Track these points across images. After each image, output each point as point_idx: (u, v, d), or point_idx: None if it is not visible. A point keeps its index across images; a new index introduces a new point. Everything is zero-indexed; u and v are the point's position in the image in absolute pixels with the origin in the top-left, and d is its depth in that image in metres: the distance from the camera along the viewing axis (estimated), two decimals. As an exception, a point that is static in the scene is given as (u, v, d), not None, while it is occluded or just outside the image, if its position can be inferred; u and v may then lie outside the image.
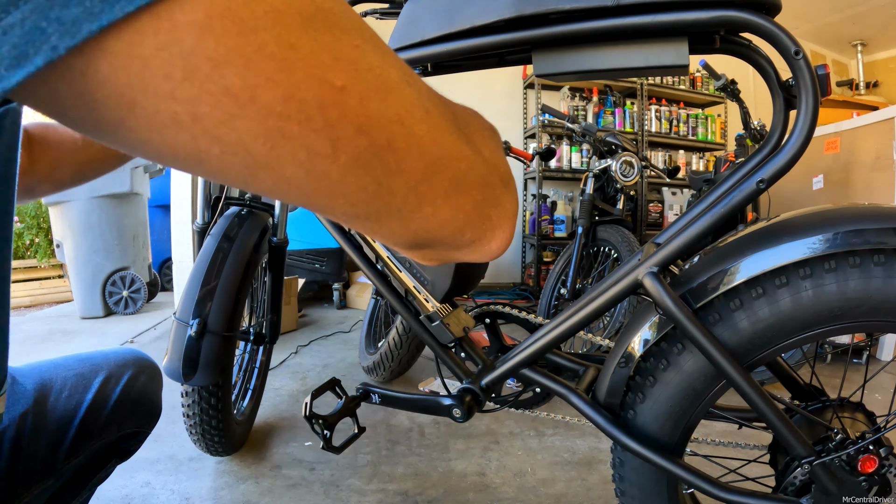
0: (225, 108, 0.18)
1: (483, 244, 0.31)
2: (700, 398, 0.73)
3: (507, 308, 1.00)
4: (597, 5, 0.61)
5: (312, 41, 0.19)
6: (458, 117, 0.28)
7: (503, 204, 0.30)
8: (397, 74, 0.23)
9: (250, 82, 0.18)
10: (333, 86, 0.19)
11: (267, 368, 1.71)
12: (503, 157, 0.32)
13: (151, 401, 0.71)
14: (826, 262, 0.64)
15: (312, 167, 0.20)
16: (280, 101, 0.18)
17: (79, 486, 0.66)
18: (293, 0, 0.18)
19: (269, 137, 0.19)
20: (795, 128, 0.63)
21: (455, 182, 0.26)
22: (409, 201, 0.25)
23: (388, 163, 0.22)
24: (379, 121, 0.21)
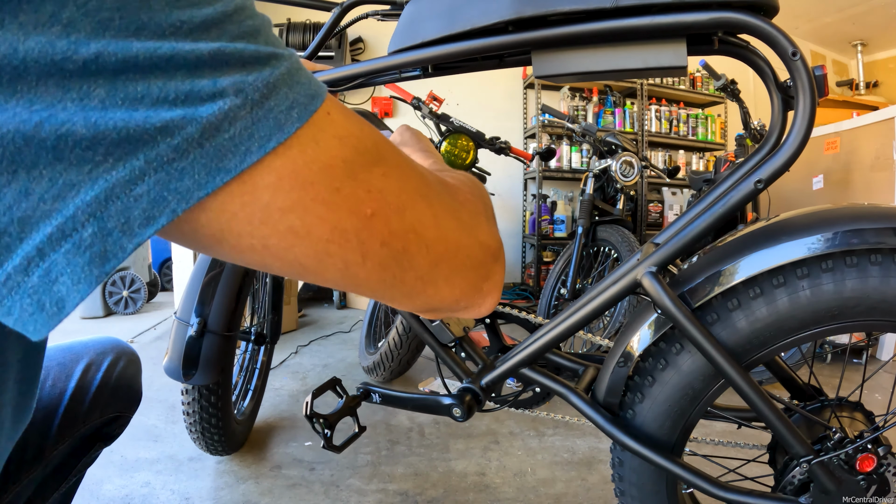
0: (288, 240, 0.25)
1: (475, 308, 0.38)
2: (699, 398, 0.73)
3: (507, 308, 1.00)
4: (596, 7, 0.62)
5: (352, 181, 0.26)
6: (462, 206, 0.35)
7: (493, 277, 0.38)
8: (414, 187, 0.30)
9: (307, 222, 0.25)
10: (365, 214, 0.27)
11: (268, 369, 1.71)
12: (495, 232, 0.39)
13: (131, 385, 0.73)
14: (823, 261, 0.64)
15: (346, 272, 0.28)
16: (327, 232, 0.26)
17: (65, 472, 0.68)
18: (339, 151, 0.26)
19: (317, 256, 0.26)
20: (793, 128, 0.63)
21: (454, 268, 0.33)
22: (417, 287, 0.32)
23: (403, 263, 0.30)
24: (397, 233, 0.29)
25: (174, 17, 0.21)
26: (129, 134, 0.20)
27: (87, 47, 0.19)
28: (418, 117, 2.12)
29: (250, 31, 0.23)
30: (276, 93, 0.23)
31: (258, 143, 0.22)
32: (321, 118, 0.25)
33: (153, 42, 0.20)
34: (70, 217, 0.19)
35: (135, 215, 0.20)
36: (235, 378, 1.61)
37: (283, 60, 0.24)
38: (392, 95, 2.23)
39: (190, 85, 0.21)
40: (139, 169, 0.20)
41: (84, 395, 0.67)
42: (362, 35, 4.13)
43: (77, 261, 0.20)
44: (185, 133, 0.21)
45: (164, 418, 1.74)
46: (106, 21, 0.19)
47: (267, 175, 0.23)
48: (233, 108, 0.22)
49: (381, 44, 4.15)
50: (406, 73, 0.82)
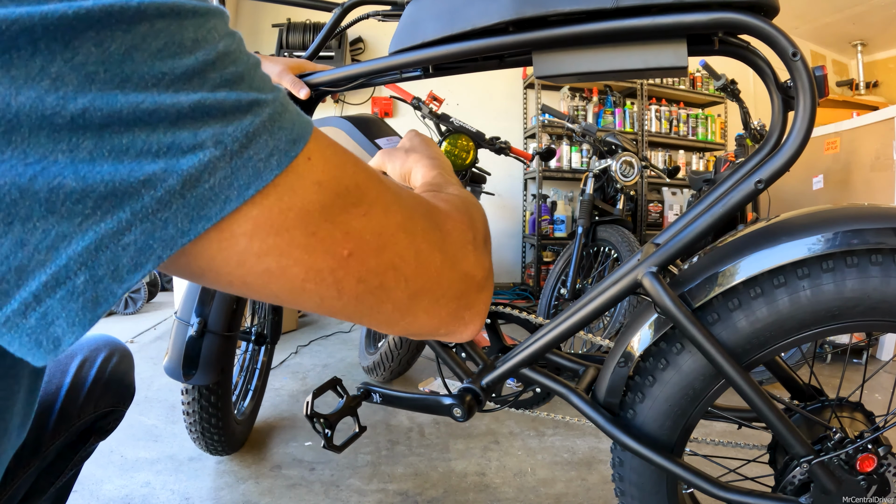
0: (264, 280, 0.26)
1: (456, 335, 0.39)
2: (699, 398, 0.73)
3: (508, 308, 1.00)
4: (596, 7, 0.62)
5: (329, 224, 0.27)
6: (448, 236, 0.36)
7: (476, 306, 0.38)
8: (397, 223, 0.31)
9: (282, 264, 0.26)
10: (342, 255, 0.28)
11: (268, 369, 1.71)
12: (483, 260, 0.39)
13: (123, 380, 0.74)
14: (824, 261, 0.64)
15: (322, 305, 0.29)
16: (302, 272, 0.27)
17: (62, 466, 0.69)
18: (317, 196, 0.26)
19: (293, 293, 0.28)
20: (793, 129, 0.63)
21: (433, 300, 0.34)
22: (394, 316, 0.33)
23: (380, 296, 0.30)
24: (375, 271, 0.29)
25: (156, 69, 0.21)
26: (115, 187, 0.21)
27: (75, 102, 0.20)
28: (418, 117, 2.12)
29: (233, 79, 0.24)
30: (256, 141, 0.24)
31: (237, 191, 0.23)
32: (301, 164, 0.26)
33: (137, 94, 0.21)
34: (63, 266, 0.21)
35: (123, 263, 0.22)
36: (235, 378, 1.61)
37: (266, 106, 0.25)
38: (392, 95, 2.23)
39: (171, 137, 0.22)
40: (126, 220, 0.21)
41: (79, 390, 0.68)
42: (362, 35, 4.13)
43: (71, 306, 0.21)
44: (167, 185, 0.22)
45: (164, 418, 1.74)
46: (91, 74, 0.20)
47: (244, 223, 0.24)
48: (212, 159, 0.23)
49: (381, 44, 4.15)
50: (407, 74, 0.82)
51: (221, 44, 0.24)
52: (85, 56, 0.20)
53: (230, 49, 0.24)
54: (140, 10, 0.21)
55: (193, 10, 0.23)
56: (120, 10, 0.20)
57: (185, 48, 0.22)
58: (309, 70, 0.90)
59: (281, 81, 0.87)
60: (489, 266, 0.40)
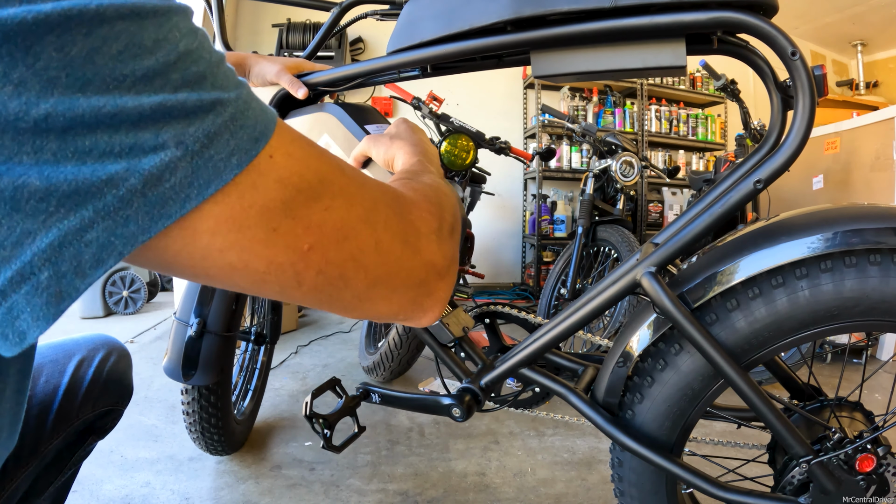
0: (226, 272, 0.27)
1: (415, 321, 0.40)
2: (698, 398, 0.73)
3: (507, 308, 1.00)
4: (595, 7, 0.62)
5: (290, 219, 0.28)
6: (411, 226, 0.36)
7: (436, 293, 0.38)
8: (359, 215, 0.32)
9: (244, 258, 0.27)
10: (301, 249, 0.29)
11: (268, 369, 1.71)
12: (447, 248, 0.40)
13: (122, 380, 0.74)
14: (822, 261, 0.64)
15: (282, 293, 0.30)
16: (263, 265, 0.28)
17: (60, 465, 0.69)
18: (278, 193, 0.27)
19: (254, 284, 0.29)
20: (792, 128, 0.63)
21: (393, 288, 0.35)
22: (353, 303, 0.34)
23: (339, 285, 0.32)
24: (335, 262, 0.30)
25: (117, 71, 0.22)
26: (78, 187, 0.21)
27: (38, 107, 0.20)
28: (418, 117, 2.12)
29: (194, 79, 0.24)
30: (217, 141, 0.25)
31: (197, 189, 0.24)
32: (263, 162, 0.26)
33: (99, 98, 0.21)
34: (28, 262, 0.21)
35: (86, 259, 0.22)
36: (235, 378, 1.61)
37: (228, 105, 0.25)
38: (392, 95, 2.23)
39: (133, 139, 0.22)
40: (88, 218, 0.22)
41: (77, 390, 0.68)
42: (362, 35, 4.13)
43: (36, 301, 0.22)
44: (129, 184, 0.22)
45: (164, 418, 1.74)
46: (53, 79, 0.20)
47: (206, 220, 0.25)
48: (173, 159, 0.23)
49: (381, 44, 4.15)
50: (405, 74, 0.82)
51: (182, 43, 0.24)
52: (46, 61, 0.20)
53: (191, 48, 0.25)
54: (99, 12, 0.21)
55: (154, 10, 0.23)
56: (79, 13, 0.21)
57: (145, 49, 0.23)
58: (307, 70, 0.90)
59: (279, 81, 0.87)
60: (453, 254, 0.41)
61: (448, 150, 2.00)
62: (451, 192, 0.48)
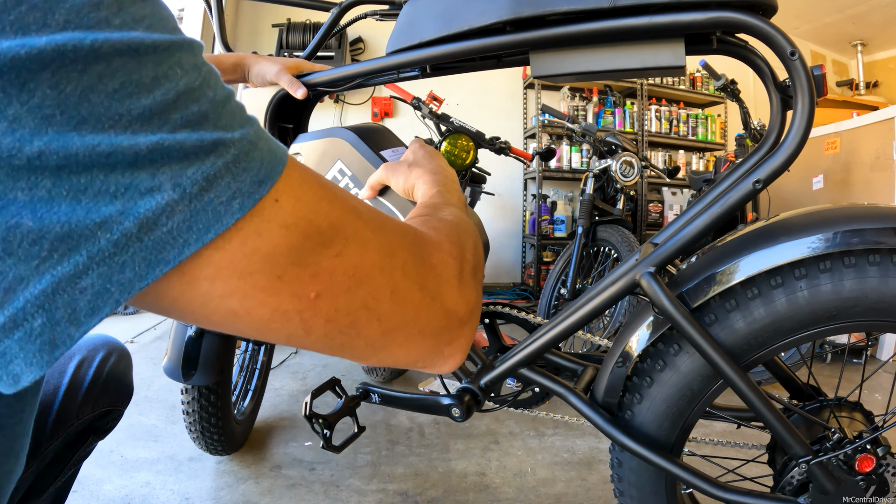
0: (228, 319, 0.26)
1: (435, 368, 0.38)
2: (697, 398, 0.73)
3: (507, 308, 1.00)
4: (594, 7, 0.62)
5: (297, 266, 0.26)
6: (432, 271, 0.35)
7: (457, 341, 0.37)
8: (373, 261, 0.30)
9: (247, 305, 0.26)
10: (308, 297, 0.27)
11: (268, 369, 1.71)
12: (469, 294, 0.38)
13: (122, 380, 0.74)
14: (821, 262, 0.64)
15: (290, 340, 0.29)
16: (268, 313, 0.27)
17: (60, 466, 0.69)
18: (284, 240, 0.26)
19: (259, 331, 0.28)
20: (791, 128, 0.63)
21: (409, 336, 0.33)
22: (367, 352, 0.32)
23: (351, 334, 0.30)
24: (345, 310, 0.29)
25: (113, 110, 0.21)
26: (71, 229, 0.21)
27: (31, 145, 0.20)
28: (418, 117, 2.12)
29: (195, 119, 0.23)
30: (217, 184, 0.23)
31: (196, 234, 0.23)
32: (268, 207, 0.25)
33: (94, 136, 0.21)
34: (21, 308, 0.21)
35: (80, 306, 0.22)
36: (235, 378, 1.61)
37: (230, 147, 0.24)
38: (392, 95, 2.23)
39: (129, 179, 0.22)
40: (83, 264, 0.21)
41: (77, 390, 0.68)
42: (362, 35, 4.13)
43: (29, 347, 0.21)
44: (123, 228, 0.22)
45: (164, 418, 1.74)
46: (48, 117, 0.20)
47: (206, 267, 0.24)
48: (170, 202, 0.22)
49: (381, 44, 4.15)
50: (404, 74, 0.82)
51: (183, 81, 0.23)
52: (41, 98, 0.20)
53: (192, 86, 0.24)
54: (94, 48, 0.21)
55: (154, 47, 0.23)
56: (73, 49, 0.20)
57: (143, 87, 0.22)
58: (307, 70, 0.90)
59: (278, 81, 0.87)
60: (475, 300, 0.39)
61: (448, 150, 2.00)
62: (472, 227, 0.46)
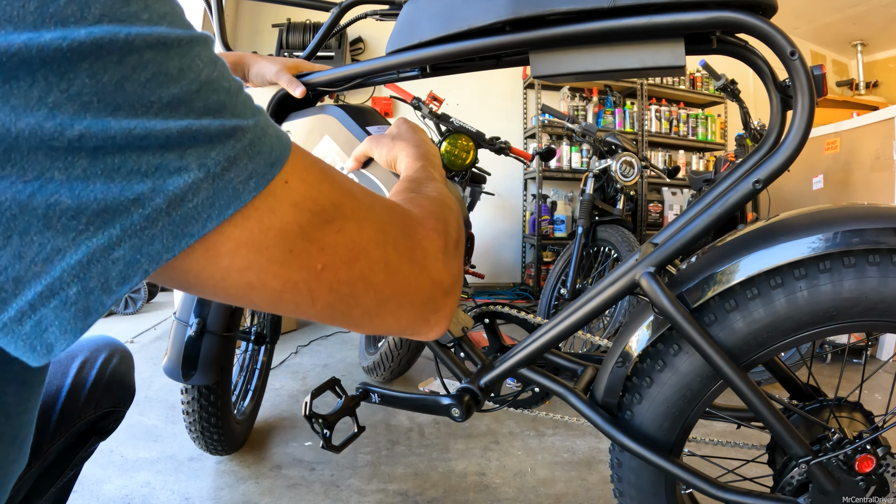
0: (244, 291, 0.29)
1: (422, 335, 0.41)
2: (697, 399, 0.73)
3: (507, 308, 1.00)
4: (593, 7, 0.62)
5: (305, 241, 0.30)
6: (419, 244, 0.38)
7: (442, 309, 0.40)
8: (369, 237, 0.33)
9: (262, 278, 0.29)
10: (315, 269, 0.30)
11: (268, 369, 1.71)
12: (453, 266, 0.42)
13: (124, 381, 0.75)
14: (821, 262, 0.64)
15: (297, 311, 0.32)
16: (280, 284, 0.29)
17: (62, 466, 0.69)
18: (294, 216, 0.29)
19: (271, 301, 0.30)
20: (791, 128, 0.63)
21: (400, 304, 0.37)
22: (364, 319, 0.35)
23: (350, 302, 0.33)
24: (346, 281, 0.32)
25: (146, 98, 0.23)
26: (107, 205, 0.23)
27: (72, 128, 0.21)
28: (418, 117, 2.12)
29: (216, 107, 0.26)
30: (237, 165, 0.26)
31: (218, 210, 0.26)
32: (279, 187, 0.28)
33: (129, 121, 0.23)
34: (57, 278, 0.22)
35: (112, 276, 0.23)
36: (235, 378, 1.61)
37: (247, 132, 0.27)
38: (392, 95, 2.23)
39: (159, 159, 0.24)
40: (116, 236, 0.23)
41: (79, 391, 0.68)
42: (362, 35, 4.13)
43: (64, 315, 0.23)
44: (155, 204, 0.24)
45: (164, 418, 1.74)
46: (86, 104, 0.22)
47: (227, 242, 0.27)
48: (196, 180, 0.25)
49: (381, 44, 4.15)
50: (404, 74, 0.82)
51: (204, 73, 0.26)
52: (80, 87, 0.21)
53: (212, 77, 0.26)
54: (128, 41, 0.22)
55: (178, 40, 0.25)
56: (110, 41, 0.22)
57: (171, 77, 0.24)
58: (306, 70, 0.90)
59: (278, 81, 0.87)
60: (458, 271, 0.42)
61: (448, 150, 2.00)
62: (454, 203, 0.49)
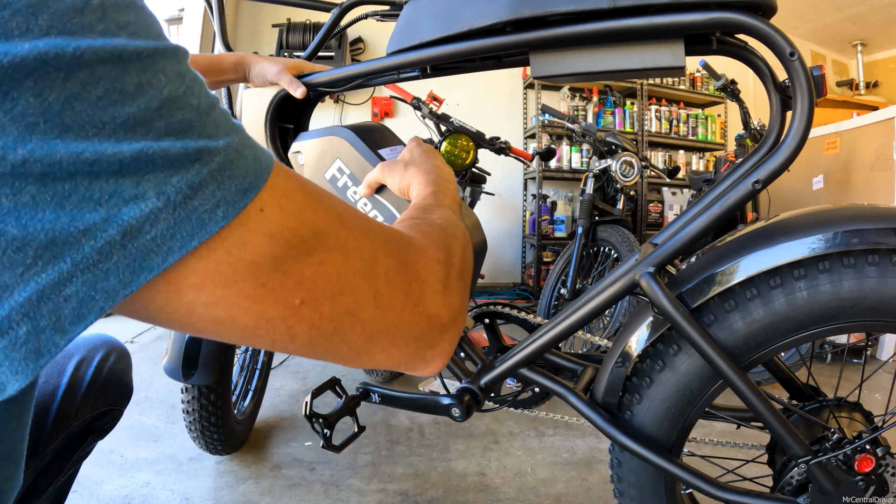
0: (213, 326, 0.26)
1: (417, 371, 0.38)
2: (696, 399, 0.73)
3: (507, 308, 1.00)
4: (593, 7, 0.62)
5: (280, 275, 0.27)
6: (415, 276, 0.35)
7: (439, 345, 0.37)
8: (356, 268, 0.30)
9: (232, 313, 0.26)
10: (293, 305, 0.28)
11: (268, 369, 1.71)
12: (452, 299, 0.38)
13: (121, 379, 0.74)
14: (820, 262, 0.64)
15: (275, 346, 0.29)
16: (252, 321, 0.27)
17: (60, 466, 0.69)
18: (268, 249, 0.26)
19: (244, 337, 0.28)
20: (791, 129, 0.63)
21: (392, 341, 0.33)
22: (350, 356, 0.32)
23: (335, 339, 0.30)
24: (329, 317, 0.29)
25: (97, 118, 0.21)
26: (55, 237, 0.21)
27: (15, 152, 0.20)
28: (418, 117, 2.12)
29: (180, 127, 0.23)
30: (202, 192, 0.24)
31: (180, 242, 0.23)
32: (252, 216, 0.25)
33: (78, 143, 0.21)
34: (5, 317, 0.21)
35: (65, 314, 0.22)
36: (236, 378, 1.61)
37: (215, 155, 0.24)
38: (392, 95, 2.23)
39: (113, 186, 0.22)
40: (67, 271, 0.21)
41: (76, 390, 0.68)
42: (362, 35, 4.13)
43: (14, 356, 0.21)
44: (108, 235, 0.22)
45: (164, 418, 1.74)
46: (32, 125, 0.20)
47: (190, 276, 0.24)
48: (154, 210, 0.22)
49: (381, 44, 4.15)
50: (404, 74, 0.82)
51: (167, 89, 0.23)
52: (24, 107, 0.20)
53: (176, 94, 0.24)
54: (76, 56, 0.21)
55: (137, 54, 0.22)
56: (55, 57, 0.20)
57: (127, 95, 0.22)
58: (307, 70, 0.90)
59: (279, 81, 0.87)
60: (459, 305, 0.39)
61: (448, 150, 2.00)
62: (461, 232, 0.46)
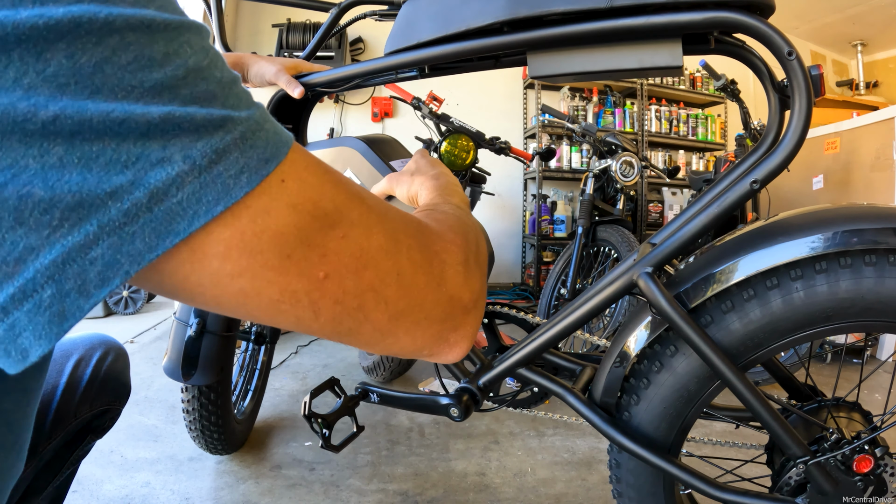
0: (239, 300, 0.26)
1: (441, 356, 0.38)
2: (694, 399, 0.73)
3: (506, 308, 1.00)
4: (591, 7, 0.62)
5: (305, 246, 0.27)
6: (436, 257, 0.35)
7: (462, 328, 0.37)
8: (378, 245, 0.30)
9: (256, 285, 0.26)
10: (317, 277, 0.28)
11: (268, 369, 1.71)
12: (473, 282, 0.38)
13: (119, 379, 0.75)
14: (817, 262, 0.64)
15: (299, 325, 0.29)
16: (277, 293, 0.27)
17: (58, 465, 0.69)
18: (292, 219, 0.26)
19: (269, 313, 0.28)
20: (789, 128, 0.63)
21: (415, 321, 0.33)
22: (374, 337, 0.32)
23: (359, 317, 0.30)
24: (353, 292, 0.29)
25: (126, 81, 0.22)
26: (82, 198, 0.21)
27: (46, 110, 0.20)
28: (418, 117, 2.12)
29: (204, 96, 0.24)
30: (226, 158, 0.24)
31: (206, 206, 0.23)
32: (274, 186, 0.26)
33: (107, 104, 0.21)
34: (30, 279, 0.21)
35: (90, 277, 0.22)
36: (235, 378, 1.61)
37: (238, 124, 0.25)
38: (392, 95, 2.23)
39: (140, 149, 0.22)
40: (93, 234, 0.21)
41: (75, 389, 0.68)
42: (362, 35, 4.13)
43: (38, 319, 0.21)
44: (134, 198, 0.22)
45: (164, 418, 1.75)
46: (63, 86, 0.20)
47: (215, 244, 0.24)
48: (180, 173, 0.23)
49: (381, 44, 4.14)
50: (402, 74, 0.82)
51: (192, 60, 0.24)
52: (56, 67, 0.20)
53: (200, 66, 0.24)
54: (108, 21, 0.21)
55: (165, 25, 0.23)
56: (88, 21, 0.21)
57: (155, 62, 0.23)
58: (305, 70, 0.90)
59: (277, 81, 0.87)
60: (479, 288, 0.39)
61: (448, 150, 2.00)
62: (474, 223, 0.46)
